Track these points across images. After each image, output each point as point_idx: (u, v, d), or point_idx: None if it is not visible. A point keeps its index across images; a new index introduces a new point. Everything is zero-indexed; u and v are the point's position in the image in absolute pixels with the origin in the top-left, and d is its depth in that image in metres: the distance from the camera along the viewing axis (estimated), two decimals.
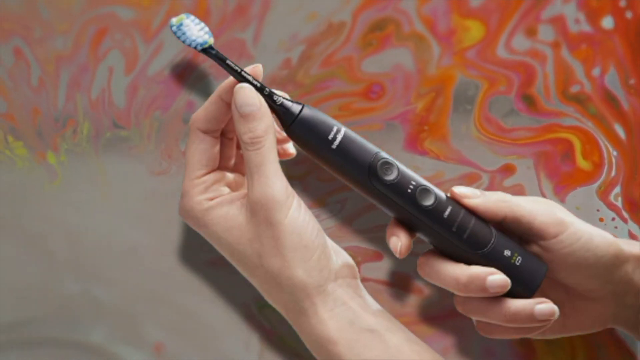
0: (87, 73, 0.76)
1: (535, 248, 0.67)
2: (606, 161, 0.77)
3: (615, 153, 0.77)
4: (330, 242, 0.66)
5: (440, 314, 0.78)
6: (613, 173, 0.77)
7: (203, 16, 0.76)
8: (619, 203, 0.77)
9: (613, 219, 0.77)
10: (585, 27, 0.76)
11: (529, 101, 0.77)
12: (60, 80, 0.76)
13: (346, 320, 0.63)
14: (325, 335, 0.63)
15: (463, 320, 0.77)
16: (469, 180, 0.76)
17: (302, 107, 0.65)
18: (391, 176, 0.65)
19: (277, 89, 0.66)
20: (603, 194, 0.77)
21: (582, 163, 0.77)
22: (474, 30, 0.77)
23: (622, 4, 0.76)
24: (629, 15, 0.76)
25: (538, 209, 0.66)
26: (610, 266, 0.67)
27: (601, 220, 0.77)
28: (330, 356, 0.63)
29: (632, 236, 0.77)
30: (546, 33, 0.77)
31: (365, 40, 0.76)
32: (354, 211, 0.77)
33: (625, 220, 0.77)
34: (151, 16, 0.76)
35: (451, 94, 0.77)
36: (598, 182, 0.77)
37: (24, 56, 0.76)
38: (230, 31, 0.76)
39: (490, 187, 0.77)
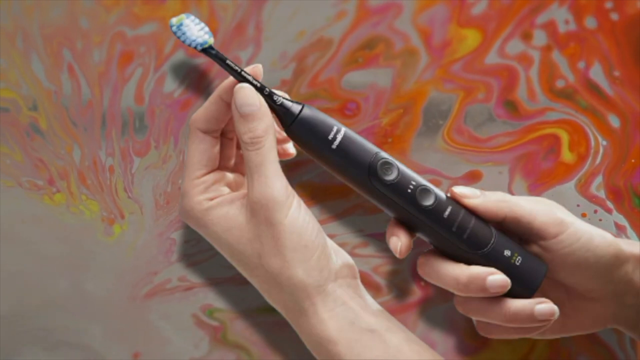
0: (117, 95, 0.77)
1: (535, 248, 0.67)
2: (592, 151, 0.76)
3: (604, 143, 0.77)
4: (330, 242, 0.66)
5: (439, 313, 0.78)
6: (597, 161, 0.77)
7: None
8: (601, 194, 0.77)
9: (595, 211, 0.77)
10: (572, 27, 0.76)
11: (511, 107, 0.77)
12: (103, 98, 0.77)
13: (346, 320, 0.63)
14: (325, 335, 0.63)
15: (462, 320, 0.77)
16: None
17: (302, 107, 0.65)
18: (391, 176, 0.65)
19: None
20: (583, 187, 0.76)
21: (567, 156, 0.77)
22: (470, 39, 0.77)
23: (609, 5, 0.76)
24: (615, 16, 0.76)
25: (538, 209, 0.66)
26: (610, 266, 0.67)
27: (584, 215, 0.77)
28: (331, 356, 0.63)
29: (618, 227, 0.77)
30: (540, 38, 0.76)
31: (352, 56, 0.76)
32: None
33: (609, 211, 0.77)
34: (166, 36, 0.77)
35: (420, 111, 0.76)
36: (578, 175, 0.77)
37: (75, 75, 0.77)
38: (229, 52, 0.77)
39: None
